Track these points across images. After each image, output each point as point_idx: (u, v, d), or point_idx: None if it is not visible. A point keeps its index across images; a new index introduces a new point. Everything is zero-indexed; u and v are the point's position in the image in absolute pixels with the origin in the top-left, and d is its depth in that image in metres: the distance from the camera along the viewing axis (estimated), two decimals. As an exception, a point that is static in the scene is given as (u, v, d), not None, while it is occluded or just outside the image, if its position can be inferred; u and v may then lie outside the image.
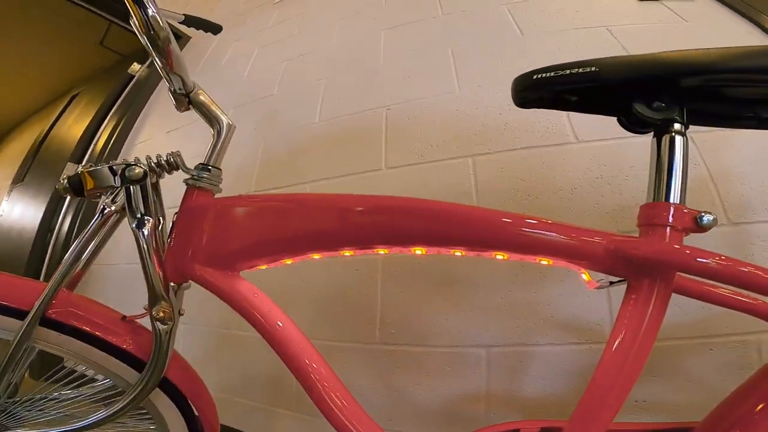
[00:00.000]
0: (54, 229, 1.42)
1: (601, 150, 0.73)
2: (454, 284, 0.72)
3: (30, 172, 2.01)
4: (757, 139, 0.71)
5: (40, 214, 1.47)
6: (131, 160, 0.43)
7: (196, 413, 0.51)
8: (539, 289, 0.67)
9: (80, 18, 1.79)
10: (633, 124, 0.35)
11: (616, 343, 0.29)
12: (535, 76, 0.35)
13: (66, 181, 0.43)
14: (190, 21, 0.84)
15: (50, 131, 2.15)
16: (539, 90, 0.35)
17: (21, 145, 2.85)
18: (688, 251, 0.29)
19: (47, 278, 0.66)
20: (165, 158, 0.45)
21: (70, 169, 1.52)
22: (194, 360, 0.53)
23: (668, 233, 0.29)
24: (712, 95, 0.33)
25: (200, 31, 0.87)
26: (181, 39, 1.77)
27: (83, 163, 0.45)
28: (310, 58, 1.23)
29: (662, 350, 0.60)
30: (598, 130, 0.74)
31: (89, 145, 1.56)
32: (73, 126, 1.88)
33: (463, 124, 0.84)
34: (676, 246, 0.29)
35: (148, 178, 0.43)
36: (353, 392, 0.72)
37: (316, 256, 0.37)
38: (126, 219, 0.43)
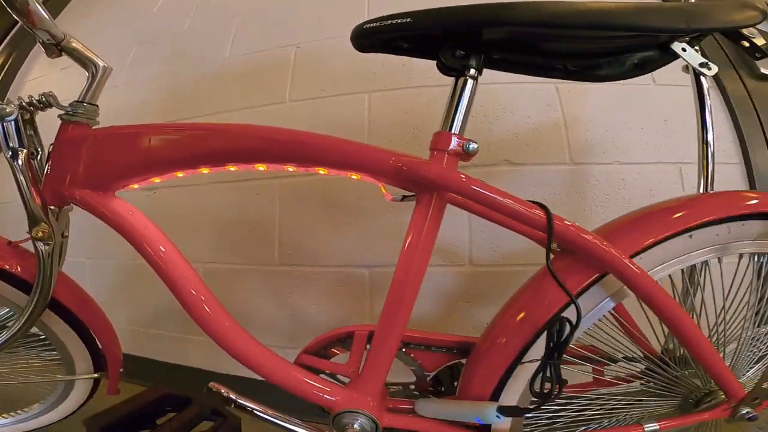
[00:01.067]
0: None
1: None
2: (343, 208, 0.84)
3: None
4: (611, 89, 0.86)
5: None
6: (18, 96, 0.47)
7: (95, 337, 0.59)
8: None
9: None
10: (445, 68, 0.45)
11: (405, 247, 0.41)
12: (365, 26, 0.43)
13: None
14: None
15: None
16: (370, 38, 0.44)
17: None
18: (462, 177, 0.40)
19: None
20: (38, 98, 0.48)
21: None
22: (104, 295, 0.60)
23: (446, 158, 0.41)
24: (515, 46, 0.43)
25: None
26: None
27: None
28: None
29: (502, 275, 0.78)
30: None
31: None
32: None
33: (365, 64, 0.91)
34: (452, 171, 0.41)
35: (19, 115, 0.47)
36: (256, 313, 0.85)
37: (180, 174, 0.45)
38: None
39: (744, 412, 0.45)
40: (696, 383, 0.47)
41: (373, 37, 0.43)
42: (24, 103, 0.49)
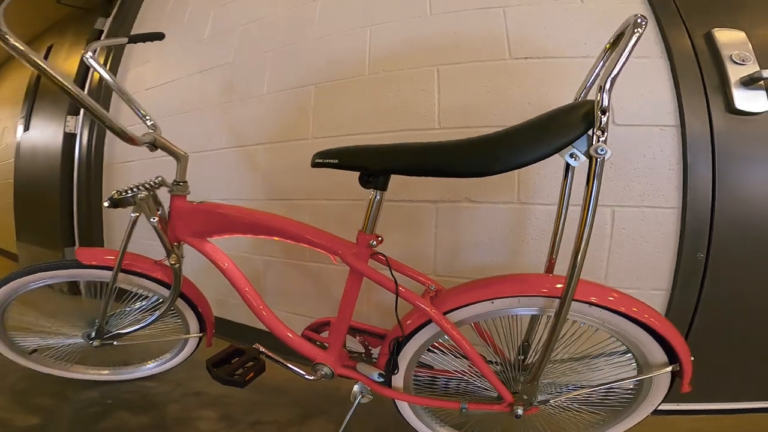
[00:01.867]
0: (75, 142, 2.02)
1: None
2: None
3: (36, 104, 2.49)
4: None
5: (60, 136, 2.04)
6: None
7: (199, 309, 1.09)
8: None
9: None
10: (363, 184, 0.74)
11: (344, 293, 0.78)
12: (316, 159, 0.74)
13: (109, 202, 0.92)
14: (136, 38, 1.16)
15: (40, 73, 2.53)
16: (315, 164, 0.75)
17: (16, 84, 3.28)
18: (367, 266, 0.76)
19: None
20: (155, 182, 0.93)
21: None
22: (204, 280, 1.08)
23: (361, 250, 0.75)
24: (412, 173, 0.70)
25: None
26: None
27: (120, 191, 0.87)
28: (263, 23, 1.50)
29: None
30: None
31: (86, 79, 2.00)
32: (65, 65, 2.25)
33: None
34: (361, 262, 0.76)
35: (149, 195, 0.91)
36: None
37: (237, 235, 0.87)
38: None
39: (518, 411, 0.72)
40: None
41: (317, 164, 0.75)
42: (148, 186, 0.93)
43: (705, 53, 0.91)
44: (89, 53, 1.05)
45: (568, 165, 0.76)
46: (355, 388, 0.81)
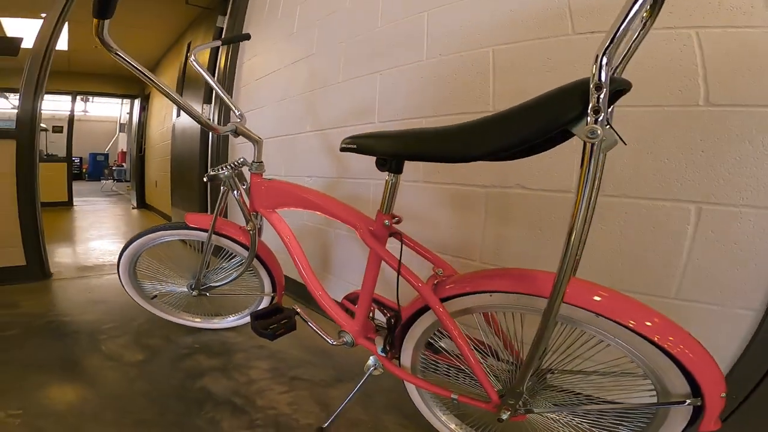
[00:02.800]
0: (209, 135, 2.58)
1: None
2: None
3: (184, 93, 3.19)
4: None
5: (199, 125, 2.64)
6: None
7: (272, 272, 1.33)
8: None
9: None
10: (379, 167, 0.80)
11: (366, 265, 0.87)
12: (342, 144, 0.84)
13: (206, 178, 1.19)
14: (227, 40, 1.42)
15: (185, 66, 3.22)
16: (341, 148, 0.84)
17: (171, 77, 4.22)
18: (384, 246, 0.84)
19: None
20: (238, 162, 1.16)
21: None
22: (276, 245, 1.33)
23: (379, 229, 0.82)
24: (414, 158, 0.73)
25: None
26: None
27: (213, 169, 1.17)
28: (336, 16, 1.65)
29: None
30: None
31: (215, 67, 2.52)
32: (200, 58, 2.84)
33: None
34: (380, 245, 0.84)
35: (234, 172, 1.15)
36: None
37: (292, 208, 1.05)
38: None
39: (502, 416, 0.70)
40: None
41: (342, 148, 0.85)
42: (233, 166, 1.17)
43: None
44: (193, 57, 1.34)
45: (586, 149, 0.70)
46: (370, 360, 0.92)
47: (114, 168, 8.81)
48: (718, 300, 0.83)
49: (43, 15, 1.94)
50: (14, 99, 1.98)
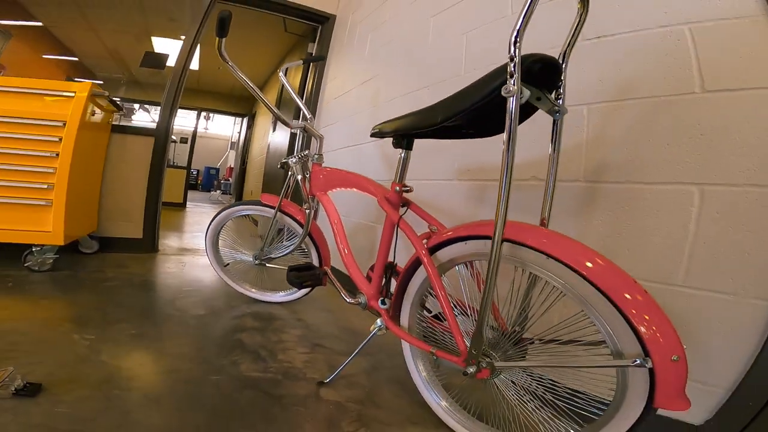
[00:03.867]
0: (295, 140, 3.05)
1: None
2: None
3: (282, 110, 3.82)
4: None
5: (288, 135, 3.16)
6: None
7: (320, 251, 1.61)
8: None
9: (269, 18, 3.15)
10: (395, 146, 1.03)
11: (381, 234, 1.07)
12: (370, 133, 1.08)
13: (280, 164, 1.54)
14: (307, 60, 1.82)
15: (282, 87, 3.90)
16: (371, 135, 1.09)
17: (272, 97, 5.05)
18: (394, 210, 1.03)
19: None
20: (303, 153, 1.49)
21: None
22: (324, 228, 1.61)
23: (393, 195, 1.04)
24: (427, 134, 0.96)
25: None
26: (328, 20, 2.87)
27: (285, 157, 1.52)
28: (396, 40, 1.96)
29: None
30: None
31: (305, 87, 3.04)
32: (294, 79, 3.43)
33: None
34: (393, 209, 1.03)
35: (300, 160, 1.47)
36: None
37: (340, 188, 1.32)
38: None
39: (469, 369, 0.77)
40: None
41: (372, 135, 1.09)
42: (300, 157, 1.49)
43: None
44: (281, 72, 1.74)
45: (554, 126, 0.84)
46: (377, 321, 1.08)
47: (222, 181, 10.43)
48: (730, 288, 0.82)
49: (182, 36, 2.59)
50: (155, 112, 2.66)
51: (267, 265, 1.71)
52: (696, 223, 0.87)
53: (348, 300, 1.17)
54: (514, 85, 0.64)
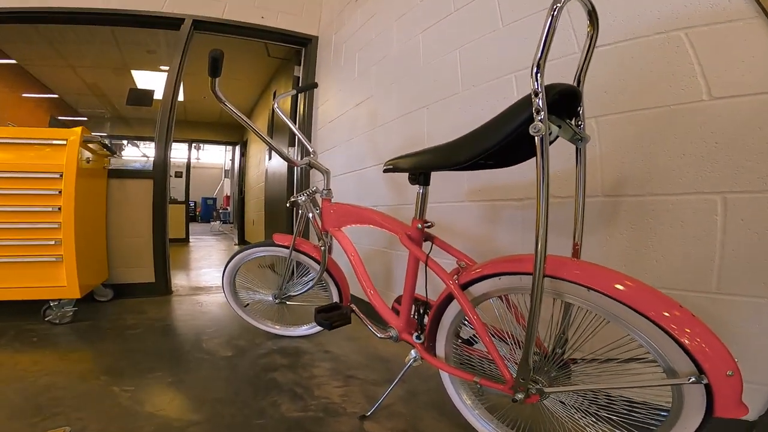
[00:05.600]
0: (294, 170, 3.04)
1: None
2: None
3: (275, 137, 3.81)
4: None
5: (285, 165, 3.10)
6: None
7: (339, 285, 1.59)
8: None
9: (251, 44, 3.14)
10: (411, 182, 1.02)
11: (406, 271, 1.06)
12: (384, 168, 1.07)
13: (289, 204, 1.52)
14: (300, 89, 1.79)
15: (273, 113, 3.87)
16: (385, 170, 1.07)
17: (262, 124, 5.04)
18: (418, 249, 1.02)
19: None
20: (312, 190, 1.47)
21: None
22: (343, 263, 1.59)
23: (415, 232, 1.02)
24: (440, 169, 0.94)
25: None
26: (311, 42, 2.89)
27: (293, 196, 1.49)
28: (387, 59, 1.96)
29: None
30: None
31: (296, 113, 3.02)
32: (284, 104, 3.41)
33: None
34: (416, 246, 1.02)
35: (309, 198, 1.46)
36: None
37: (354, 225, 1.30)
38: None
39: (517, 396, 0.78)
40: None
41: (385, 170, 1.08)
42: (308, 193, 1.48)
43: None
44: (275, 104, 1.74)
45: (577, 153, 0.82)
46: (412, 352, 1.06)
47: (221, 211, 10.38)
48: (762, 292, 0.82)
49: (163, 68, 2.55)
50: (144, 147, 2.62)
51: (288, 303, 1.69)
52: (722, 231, 0.87)
53: (379, 335, 1.15)
54: (542, 122, 0.63)
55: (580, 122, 0.78)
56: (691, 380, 0.62)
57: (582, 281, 0.70)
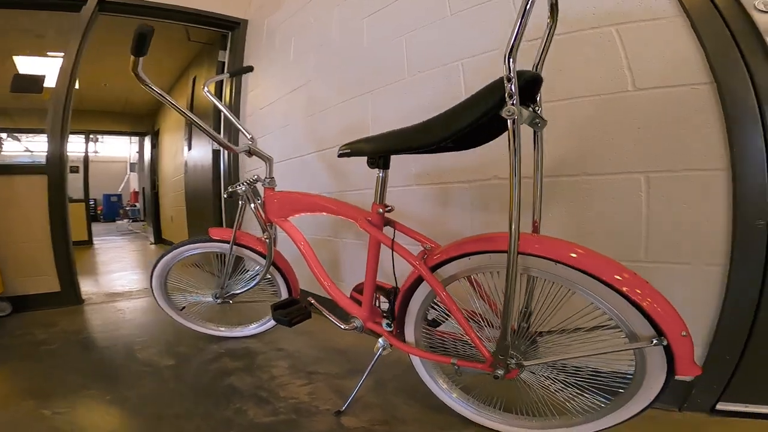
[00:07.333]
0: (219, 157, 2.77)
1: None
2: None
3: (194, 128, 3.43)
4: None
5: (210, 152, 2.83)
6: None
7: (288, 278, 1.48)
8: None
9: (168, 27, 2.75)
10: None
11: (368, 253, 1.02)
12: (339, 152, 1.01)
13: (226, 195, 1.37)
14: (234, 73, 1.62)
15: (192, 100, 3.47)
16: (339, 155, 1.01)
17: (175, 117, 4.53)
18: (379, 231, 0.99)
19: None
20: (253, 179, 1.34)
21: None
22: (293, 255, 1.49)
23: (375, 217, 0.98)
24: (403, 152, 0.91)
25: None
26: (239, 25, 2.64)
27: (231, 186, 1.35)
28: (327, 43, 1.87)
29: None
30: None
31: (221, 99, 2.74)
32: (203, 91, 3.09)
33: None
34: (376, 229, 0.99)
35: (250, 188, 1.32)
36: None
37: (303, 214, 1.22)
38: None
39: (497, 372, 0.80)
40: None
41: (339, 154, 1.01)
42: (249, 182, 1.34)
43: (728, 7, 0.84)
44: (205, 88, 1.54)
45: (534, 136, 0.86)
46: (379, 341, 1.04)
47: (128, 208, 9.17)
48: (685, 258, 0.94)
49: (52, 54, 2.13)
50: (27, 140, 2.18)
51: (231, 302, 1.54)
52: (647, 206, 0.98)
53: (343, 327, 1.09)
54: (514, 105, 0.63)
55: (538, 107, 0.81)
56: (654, 342, 0.68)
57: (550, 255, 0.74)
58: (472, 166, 1.25)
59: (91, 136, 6.78)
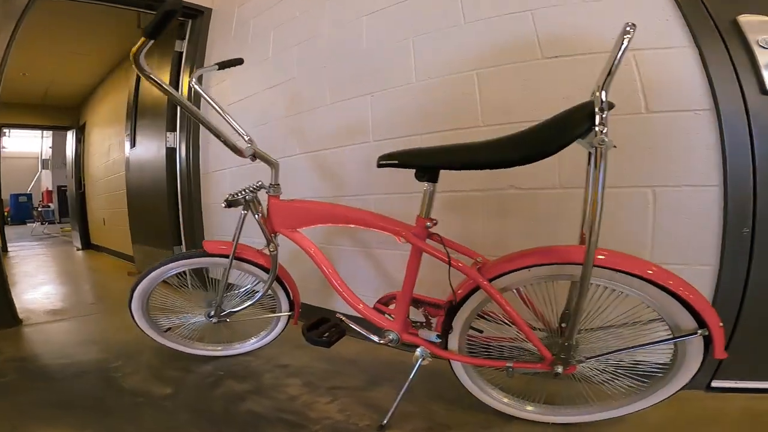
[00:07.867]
0: (176, 155, 2.51)
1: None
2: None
3: (138, 123, 3.06)
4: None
5: (164, 149, 2.52)
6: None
7: (290, 291, 1.40)
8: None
9: (119, 12, 2.50)
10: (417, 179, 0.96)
11: (406, 267, 1.00)
12: (380, 161, 0.98)
13: (225, 203, 1.24)
14: (222, 65, 1.48)
15: (137, 93, 3.09)
16: (380, 165, 0.97)
17: (112, 105, 4.03)
18: (425, 241, 0.98)
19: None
20: (256, 186, 1.23)
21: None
22: (294, 268, 1.40)
23: (419, 231, 0.97)
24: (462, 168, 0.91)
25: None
26: (203, 14, 2.41)
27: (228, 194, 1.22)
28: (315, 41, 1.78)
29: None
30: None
31: (179, 91, 2.45)
32: (148, 82, 2.77)
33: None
34: (421, 241, 0.97)
35: (252, 197, 1.22)
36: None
37: (320, 225, 1.15)
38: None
39: (557, 369, 0.88)
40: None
41: (380, 164, 0.98)
42: (251, 190, 1.24)
43: (733, 40, 0.97)
44: (193, 80, 1.39)
45: (589, 155, 0.90)
46: (417, 351, 1.02)
47: (41, 209, 7.93)
48: (683, 260, 1.08)
49: None
50: None
51: (228, 320, 1.41)
52: (653, 216, 1.10)
53: (377, 341, 1.06)
54: (604, 134, 0.67)
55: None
56: (699, 333, 0.79)
57: (607, 265, 0.81)
58: (486, 175, 1.28)
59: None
